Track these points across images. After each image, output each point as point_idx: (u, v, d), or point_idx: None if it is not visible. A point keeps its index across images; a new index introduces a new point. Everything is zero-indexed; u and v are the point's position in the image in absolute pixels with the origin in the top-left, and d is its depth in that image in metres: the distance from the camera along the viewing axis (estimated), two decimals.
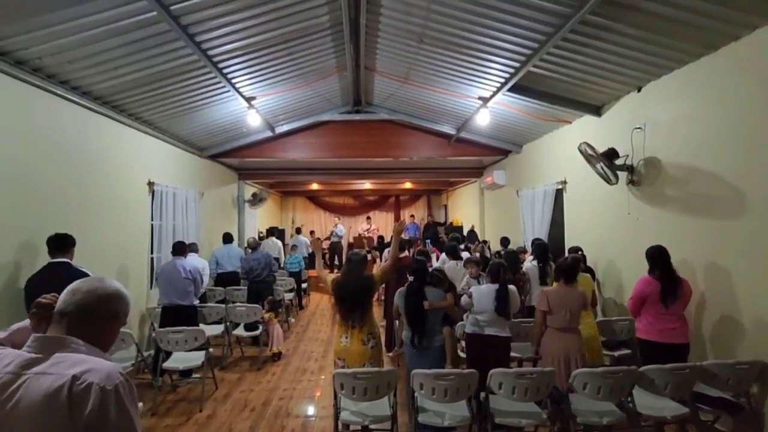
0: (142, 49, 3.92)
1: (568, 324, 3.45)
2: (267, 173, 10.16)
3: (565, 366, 3.37)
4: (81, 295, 1.33)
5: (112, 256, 4.94)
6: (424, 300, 3.59)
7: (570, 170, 6.01)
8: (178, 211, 6.47)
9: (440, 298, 3.69)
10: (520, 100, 5.52)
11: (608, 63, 4.18)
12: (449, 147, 8.14)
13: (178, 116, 5.73)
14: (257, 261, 6.40)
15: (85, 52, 3.76)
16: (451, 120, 7.29)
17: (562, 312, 3.45)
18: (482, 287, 3.81)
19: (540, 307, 3.55)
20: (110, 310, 1.35)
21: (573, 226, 6.02)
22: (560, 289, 3.55)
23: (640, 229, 4.53)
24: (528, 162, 7.54)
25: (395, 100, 6.95)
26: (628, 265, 4.75)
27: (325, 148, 8.08)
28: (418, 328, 3.58)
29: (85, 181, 4.53)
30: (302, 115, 7.40)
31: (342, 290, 3.44)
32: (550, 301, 3.50)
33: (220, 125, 6.68)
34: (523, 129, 6.89)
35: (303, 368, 5.35)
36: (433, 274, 3.87)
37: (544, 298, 3.53)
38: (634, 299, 3.55)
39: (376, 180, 12.59)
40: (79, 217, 4.38)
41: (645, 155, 4.40)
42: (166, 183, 6.16)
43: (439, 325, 3.66)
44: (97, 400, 1.16)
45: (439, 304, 3.64)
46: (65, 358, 1.23)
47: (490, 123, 6.45)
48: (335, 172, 10.26)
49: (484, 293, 3.72)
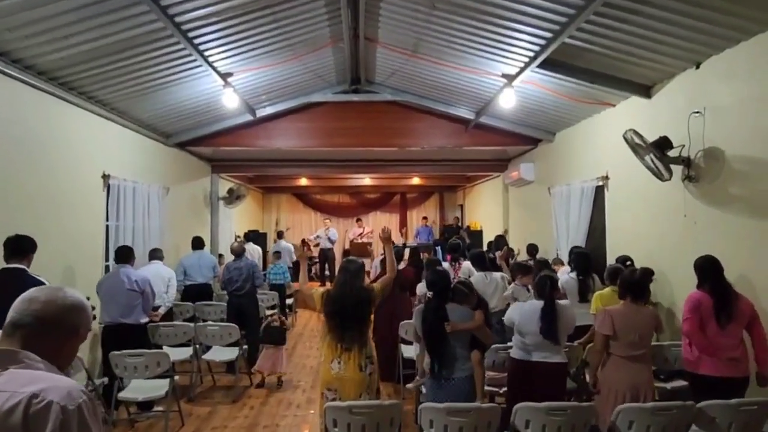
0: (96, 14, 3.94)
1: (636, 351, 3.45)
2: (246, 165, 10.20)
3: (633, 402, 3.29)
4: (39, 304, 1.36)
5: (56, 265, 4.90)
6: (445, 321, 3.55)
7: (613, 163, 6.01)
8: (139, 210, 6.51)
9: (466, 317, 3.65)
10: (553, 78, 5.52)
11: (660, 33, 4.17)
12: (466, 135, 8.17)
13: (139, 96, 5.76)
14: (239, 271, 6.43)
15: (28, 17, 3.78)
16: (468, 102, 7.32)
17: (629, 336, 3.45)
18: (525, 305, 3.82)
19: (602, 330, 3.53)
20: (70, 323, 1.39)
21: (616, 232, 6.03)
22: (627, 308, 3.54)
23: (697, 234, 4.52)
24: (562, 153, 7.56)
25: (401, 77, 7.00)
26: (682, 279, 4.63)
27: (317, 136, 8.14)
28: (438, 355, 3.53)
29: (24, 173, 4.51)
30: (289, 96, 7.45)
31: (335, 305, 3.47)
32: (616, 322, 3.47)
33: (189, 107, 6.71)
34: (555, 113, 6.90)
35: (288, 401, 5.39)
36: (457, 287, 3.86)
37: (607, 320, 3.52)
38: (689, 320, 3.54)
39: (378, 174, 12.65)
40: (15, 217, 4.30)
41: (704, 145, 4.38)
42: (124, 176, 6.18)
43: (465, 350, 3.63)
44: (57, 422, 1.17)
45: (464, 326, 3.60)
46: (19, 374, 1.25)
47: (516, 106, 6.44)
48: (328, 165, 10.30)
49: (527, 312, 3.72)
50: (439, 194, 16.08)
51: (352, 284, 3.52)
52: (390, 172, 11.71)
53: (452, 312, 3.62)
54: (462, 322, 3.61)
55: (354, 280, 3.54)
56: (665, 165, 4.60)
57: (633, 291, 3.55)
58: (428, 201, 16.22)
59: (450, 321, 3.56)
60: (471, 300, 3.84)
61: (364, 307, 3.52)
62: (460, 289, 3.85)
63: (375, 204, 16.19)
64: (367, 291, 3.57)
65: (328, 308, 3.50)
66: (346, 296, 3.48)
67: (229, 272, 6.45)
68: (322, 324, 3.61)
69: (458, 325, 3.58)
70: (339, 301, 3.48)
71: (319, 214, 15.92)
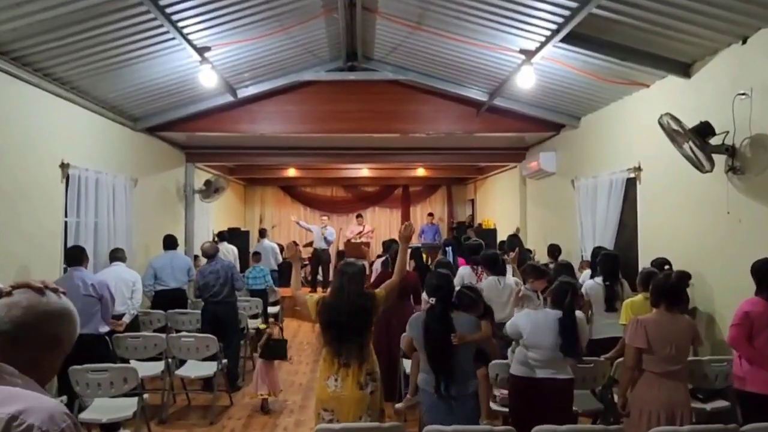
0: None
1: (672, 366, 3.45)
2: (226, 153, 10.21)
3: (668, 425, 3.32)
4: (20, 310, 1.34)
5: (8, 267, 4.88)
6: (452, 331, 3.55)
7: (646, 153, 6.01)
8: (103, 205, 6.50)
9: (473, 327, 3.65)
10: (578, 54, 5.52)
11: (702, 2, 4.14)
12: (478, 119, 8.16)
13: (103, 73, 5.73)
14: (215, 275, 6.40)
15: None
16: (480, 82, 7.30)
17: (665, 349, 3.45)
18: (538, 314, 3.81)
19: (634, 343, 3.52)
20: (53, 332, 1.39)
21: (649, 231, 6.04)
22: (661, 317, 3.53)
23: (743, 233, 4.50)
24: (588, 141, 7.57)
25: (404, 53, 6.98)
26: (725, 284, 4.70)
27: (307, 120, 8.13)
28: (444, 372, 3.51)
29: None
30: (275, 74, 7.44)
31: (333, 313, 3.47)
32: (650, 333, 3.46)
33: (161, 86, 6.70)
34: (581, 95, 6.90)
35: (273, 424, 5.37)
36: (463, 293, 3.86)
37: (640, 331, 3.50)
38: (737, 326, 3.55)
39: (377, 165, 12.67)
40: None
41: (751, 132, 4.36)
42: (86, 165, 6.16)
43: (470, 364, 3.64)
44: None
45: (473, 338, 3.60)
46: None
47: (536, 86, 6.44)
48: (320, 153, 10.31)
49: (540, 322, 3.71)
50: (446, 188, 16.09)
51: (350, 290, 3.50)
52: (391, 162, 11.72)
53: (458, 321, 3.61)
54: (470, 333, 3.60)
55: (352, 285, 3.53)
56: (706, 154, 4.57)
57: (668, 297, 3.53)
58: (434, 195, 16.23)
59: (457, 332, 3.55)
60: (477, 307, 3.84)
61: (365, 316, 3.50)
62: (466, 295, 3.84)
63: (373, 198, 16.18)
64: (368, 298, 3.54)
65: (324, 318, 3.50)
66: (343, 304, 3.46)
67: (204, 276, 6.43)
68: (317, 335, 3.57)
69: (467, 337, 3.56)
70: (335, 310, 3.47)
71: (309, 210, 15.93)
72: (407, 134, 8.40)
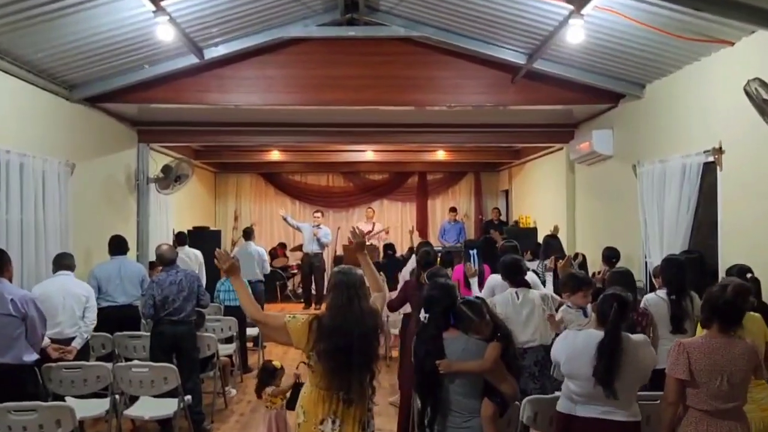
0: None
1: (725, 402, 3.42)
2: (190, 131, 10.22)
3: None
4: None
5: None
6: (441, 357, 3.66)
7: (730, 130, 5.99)
8: (29, 197, 6.51)
9: (473, 353, 3.70)
10: (642, 2, 5.51)
11: None
12: (513, 88, 8.17)
13: (26, 27, 5.69)
14: (177, 286, 6.37)
15: None
16: (516, 39, 7.28)
17: (715, 380, 3.41)
18: (578, 336, 3.80)
19: (674, 373, 3.51)
20: None
21: (733, 229, 6.00)
22: (712, 341, 3.52)
23: None
24: (654, 115, 7.53)
25: (418, 2, 6.95)
26: None
27: (295, 88, 8.15)
28: (431, 402, 3.70)
29: None
30: (253, 28, 7.42)
31: (339, 338, 3.48)
32: (694, 362, 3.45)
33: (104, 44, 6.66)
34: (646, 56, 6.87)
35: None
36: (460, 309, 3.87)
37: (682, 357, 3.48)
38: None
39: (385, 146, 12.64)
40: None
41: None
42: (5, 146, 6.16)
43: (471, 398, 3.69)
44: None
45: (464, 367, 3.66)
46: None
47: (588, 45, 6.46)
48: (312, 132, 10.29)
49: (579, 345, 3.70)
50: (474, 176, 16.06)
51: (362, 306, 3.56)
52: (403, 143, 11.74)
53: (452, 344, 3.69)
54: (464, 361, 3.65)
55: (362, 299, 3.59)
56: None
57: (722, 315, 3.49)
58: (458, 185, 16.24)
59: (446, 357, 3.64)
60: (482, 326, 3.83)
61: (375, 338, 3.60)
62: (463, 312, 3.83)
63: (381, 189, 16.18)
64: (377, 315, 3.64)
65: (327, 344, 3.48)
66: (353, 324, 3.50)
67: (162, 289, 6.34)
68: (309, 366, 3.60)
69: (456, 365, 3.62)
70: (343, 333, 3.48)
71: (298, 204, 15.96)
72: (423, 107, 8.45)
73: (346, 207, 15.88)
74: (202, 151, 13.02)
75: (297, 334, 3.55)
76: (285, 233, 14.94)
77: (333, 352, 3.46)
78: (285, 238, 15.17)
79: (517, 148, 12.81)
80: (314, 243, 12.35)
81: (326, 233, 12.65)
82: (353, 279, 3.60)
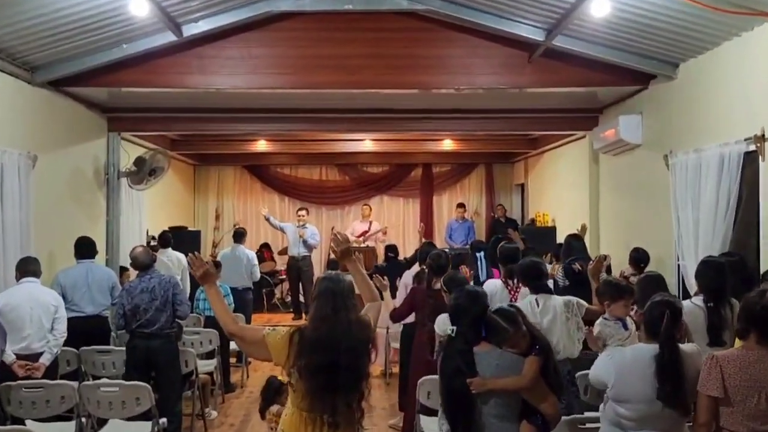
0: None
1: (763, 423, 3.41)
2: (166, 118, 10.16)
3: None
4: None
5: None
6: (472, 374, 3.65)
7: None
8: None
9: (509, 368, 3.71)
10: None
11: None
12: (531, 68, 8.05)
13: None
14: (148, 295, 6.39)
15: None
16: (534, 13, 7.23)
17: (752, 399, 3.41)
18: (625, 352, 3.82)
19: (706, 391, 3.52)
20: None
21: None
22: (748, 353, 3.52)
23: None
24: (689, 98, 7.47)
25: None
26: None
27: (284, 69, 8.01)
28: (461, 427, 3.65)
29: None
30: (238, 1, 7.35)
31: (326, 352, 3.46)
32: (727, 377, 3.46)
33: (71, 20, 6.62)
34: (678, 32, 6.82)
35: None
36: (493, 319, 3.88)
37: (714, 372, 3.50)
38: None
39: (385, 135, 12.61)
40: None
41: None
42: None
43: (509, 420, 3.69)
44: None
45: (502, 384, 3.67)
46: None
47: (614, 18, 6.43)
48: (303, 119, 10.27)
49: (629, 363, 3.71)
50: (485, 168, 16.00)
51: (349, 316, 3.53)
52: (405, 132, 11.68)
53: (484, 359, 3.69)
54: (498, 378, 3.64)
55: (350, 309, 3.57)
56: None
57: (760, 325, 3.49)
58: (467, 179, 16.19)
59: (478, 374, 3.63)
60: (518, 339, 3.82)
61: (366, 354, 3.58)
62: (495, 322, 3.83)
63: (381, 184, 16.13)
64: (367, 327, 3.62)
65: (310, 360, 3.46)
66: (339, 337, 3.47)
67: (132, 297, 6.37)
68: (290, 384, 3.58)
69: (490, 383, 3.62)
70: (329, 347, 3.46)
71: (288, 201, 15.91)
72: (429, 90, 8.40)
73: (341, 204, 15.84)
74: (180, 141, 12.93)
75: (276, 349, 3.54)
76: (272, 234, 14.76)
77: (316, 369, 3.43)
78: (271, 239, 15.01)
79: (534, 137, 12.73)
80: (299, 245, 12.35)
81: (313, 233, 12.64)
82: (341, 286, 3.58)
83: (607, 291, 5.06)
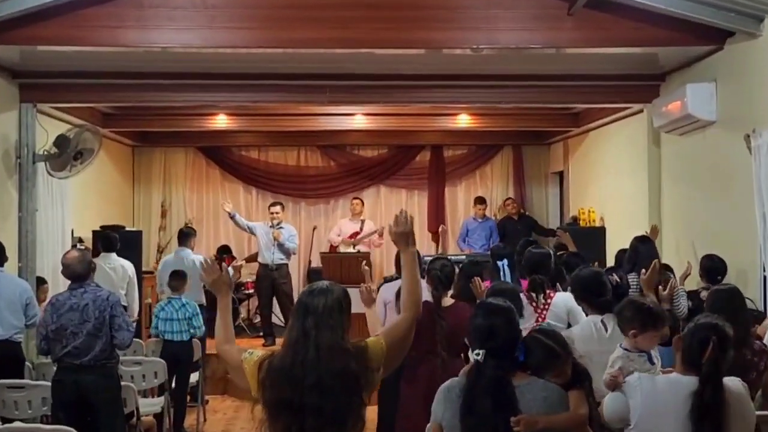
0: None
1: None
2: (96, 86, 10.02)
3: None
4: None
5: None
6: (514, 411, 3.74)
7: None
8: None
9: (555, 403, 3.88)
10: None
11: None
12: (571, 22, 7.94)
13: None
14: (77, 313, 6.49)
15: None
16: None
17: None
18: (655, 383, 3.96)
19: None
20: None
21: None
22: None
23: None
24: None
25: None
26: None
27: (251, 23, 8.02)
28: None
29: None
30: None
31: (287, 387, 3.48)
32: None
33: None
34: None
35: None
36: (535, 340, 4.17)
37: None
38: None
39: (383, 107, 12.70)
40: None
41: None
42: None
43: None
44: None
45: (552, 421, 3.83)
46: None
47: None
48: (277, 87, 10.15)
49: (661, 395, 3.89)
50: (513, 151, 16.04)
51: (319, 341, 3.48)
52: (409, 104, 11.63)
53: (527, 392, 3.84)
54: (546, 414, 3.82)
55: (323, 331, 3.53)
56: None
57: None
58: (489, 165, 16.17)
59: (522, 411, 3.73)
60: (566, 367, 4.11)
61: (348, 391, 3.49)
62: (541, 344, 4.13)
63: (377, 171, 16.16)
64: (353, 356, 3.53)
65: (270, 395, 3.48)
66: (306, 369, 3.44)
67: (58, 316, 6.38)
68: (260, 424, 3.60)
69: (540, 421, 3.78)
70: (291, 381, 3.44)
71: (257, 193, 15.88)
72: (439, 50, 8.51)
73: (325, 197, 15.68)
74: (115, 116, 12.87)
75: (248, 376, 3.69)
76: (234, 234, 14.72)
77: (277, 407, 3.51)
78: (234, 242, 15.04)
79: (576, 111, 12.74)
80: (274, 250, 12.23)
81: (291, 235, 12.54)
82: (317, 301, 3.60)
83: (636, 316, 5.00)
